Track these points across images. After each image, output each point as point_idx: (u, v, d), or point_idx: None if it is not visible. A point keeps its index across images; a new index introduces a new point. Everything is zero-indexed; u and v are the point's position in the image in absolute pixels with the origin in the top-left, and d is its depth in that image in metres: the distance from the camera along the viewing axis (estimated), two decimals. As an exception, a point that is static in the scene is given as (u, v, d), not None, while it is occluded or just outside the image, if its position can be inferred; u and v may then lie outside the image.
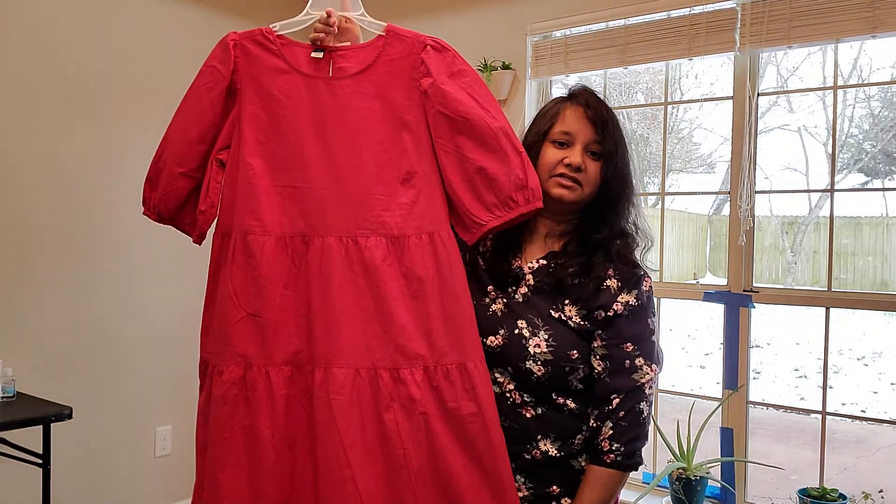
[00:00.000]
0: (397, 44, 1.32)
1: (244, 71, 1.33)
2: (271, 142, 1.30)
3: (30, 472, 2.55)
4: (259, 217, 1.27)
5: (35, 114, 2.71)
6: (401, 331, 1.23)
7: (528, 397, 1.30)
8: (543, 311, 1.31)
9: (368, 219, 1.26)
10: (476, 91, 1.30)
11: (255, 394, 1.25)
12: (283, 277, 1.27)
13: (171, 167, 1.35)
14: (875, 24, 2.26)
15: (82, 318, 2.87)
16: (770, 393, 6.92)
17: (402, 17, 3.43)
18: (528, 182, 1.25)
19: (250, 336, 1.26)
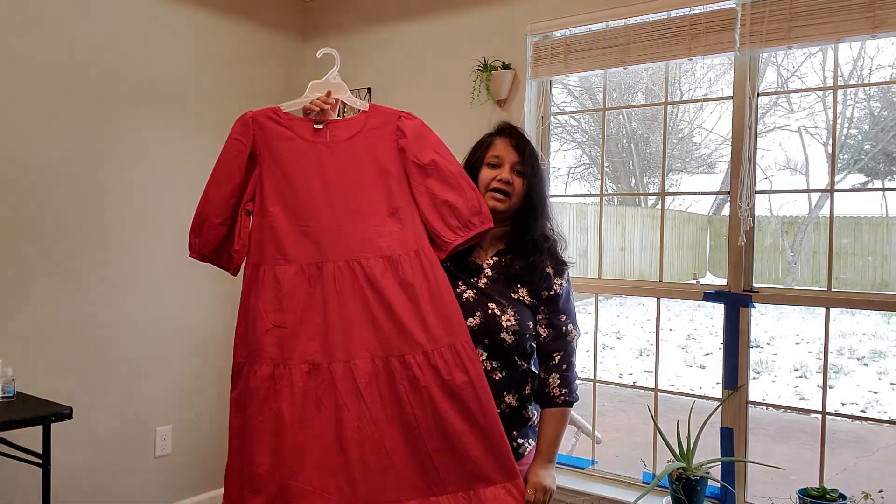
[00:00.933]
0: (378, 115, 1.78)
1: (261, 140, 1.76)
2: (286, 193, 1.72)
3: (30, 472, 2.55)
4: (282, 251, 1.68)
5: (36, 113, 2.71)
6: (403, 326, 1.63)
7: (496, 363, 1.72)
8: (505, 295, 1.74)
9: (368, 245, 1.67)
10: (437, 147, 1.75)
11: (280, 385, 1.62)
12: (302, 296, 1.66)
13: (211, 219, 1.75)
14: (875, 24, 2.26)
15: (82, 318, 2.87)
16: (770, 393, 6.92)
17: (403, 16, 3.43)
18: (481, 209, 1.71)
19: (276, 342, 1.65)
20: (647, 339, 9.13)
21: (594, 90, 10.65)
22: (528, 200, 1.78)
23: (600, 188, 3.75)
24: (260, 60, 3.55)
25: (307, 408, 1.61)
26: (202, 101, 3.29)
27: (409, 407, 1.60)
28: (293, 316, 1.65)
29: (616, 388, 6.76)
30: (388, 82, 3.48)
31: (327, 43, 3.72)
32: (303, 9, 3.78)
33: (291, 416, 1.60)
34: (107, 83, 2.92)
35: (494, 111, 3.09)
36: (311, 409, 1.61)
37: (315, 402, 1.61)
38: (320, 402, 1.61)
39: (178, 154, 3.20)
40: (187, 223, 3.20)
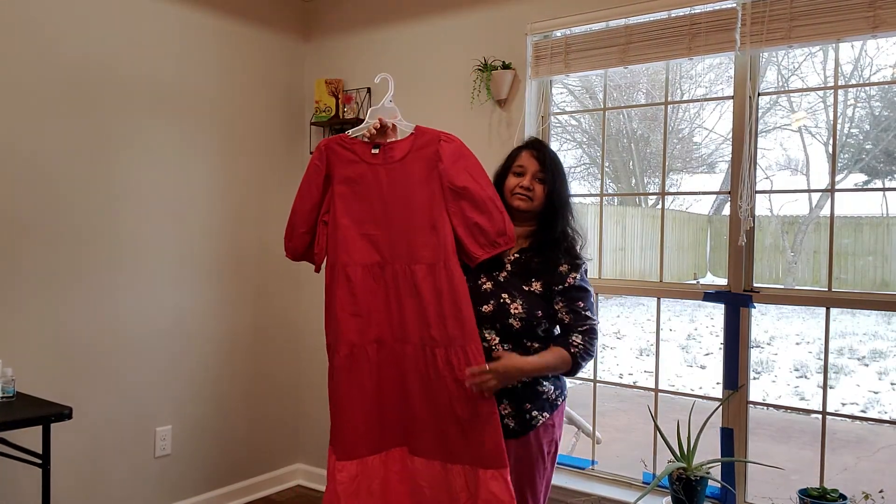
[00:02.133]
0: (422, 137, 2.05)
1: (333, 163, 2.12)
2: (353, 207, 2.10)
3: (30, 472, 2.55)
4: (351, 255, 2.08)
5: (35, 113, 2.71)
6: (431, 323, 2.00)
7: (507, 345, 2.00)
8: (518, 287, 2.02)
9: (415, 253, 2.03)
10: (472, 170, 2.02)
11: (359, 361, 2.07)
12: (369, 290, 2.07)
13: (297, 229, 2.16)
14: (875, 23, 2.26)
15: (82, 318, 2.87)
16: (770, 393, 6.92)
17: (403, 16, 3.43)
18: (506, 230, 1.99)
19: (353, 327, 2.07)
20: (648, 339, 9.13)
21: (594, 90, 10.65)
22: (549, 203, 2.05)
23: (600, 188, 3.75)
24: (260, 60, 3.55)
25: (381, 375, 2.07)
26: (202, 101, 3.29)
27: (434, 389, 1.99)
28: (364, 306, 2.06)
29: (616, 388, 6.75)
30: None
31: (327, 43, 3.72)
32: (303, 9, 3.77)
33: (370, 383, 2.07)
34: (106, 83, 2.92)
35: (494, 111, 3.09)
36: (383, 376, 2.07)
37: (384, 370, 2.07)
38: (386, 370, 2.06)
39: (178, 154, 3.20)
40: (187, 223, 3.23)
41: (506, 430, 1.99)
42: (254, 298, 3.56)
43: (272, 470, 3.65)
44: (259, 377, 3.60)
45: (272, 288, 3.62)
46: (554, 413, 2.06)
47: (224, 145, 3.40)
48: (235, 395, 3.49)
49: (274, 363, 3.66)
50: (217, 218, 3.38)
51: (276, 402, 3.67)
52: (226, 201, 3.42)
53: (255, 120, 3.55)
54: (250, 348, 3.56)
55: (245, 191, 3.50)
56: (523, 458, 2.02)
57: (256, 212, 3.55)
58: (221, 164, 3.39)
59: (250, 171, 3.51)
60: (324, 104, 3.57)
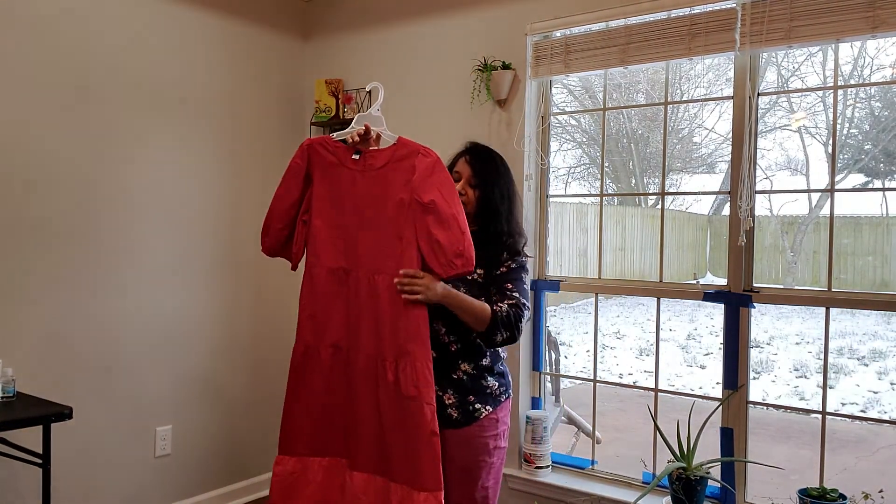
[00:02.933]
0: (402, 149, 2.02)
1: (314, 164, 2.11)
2: (327, 209, 2.09)
3: (30, 472, 2.55)
4: (318, 256, 2.09)
5: (36, 113, 2.71)
6: (385, 337, 1.98)
7: (453, 336, 2.08)
8: (462, 279, 2.05)
9: (379, 262, 2.00)
10: (443, 188, 1.96)
11: (311, 362, 2.09)
12: (331, 293, 2.07)
13: (274, 225, 2.13)
14: (875, 23, 2.26)
15: (82, 319, 2.87)
16: (770, 393, 6.92)
17: (403, 16, 3.43)
18: (464, 252, 1.91)
19: (310, 327, 2.09)
20: (647, 339, 9.13)
21: (594, 90, 10.65)
22: (484, 206, 2.13)
23: (600, 188, 3.75)
24: (260, 60, 3.55)
25: (331, 380, 2.08)
26: (202, 101, 3.29)
27: (382, 403, 1.98)
28: (322, 308, 2.07)
29: (616, 388, 6.75)
30: (388, 82, 3.47)
31: (327, 43, 3.72)
32: (303, 9, 3.77)
33: (319, 385, 2.08)
34: (106, 84, 2.92)
35: (494, 111, 3.09)
36: (332, 381, 2.08)
37: (335, 376, 2.07)
38: (337, 376, 2.07)
39: (177, 154, 3.20)
40: (187, 223, 3.23)
41: (448, 420, 2.06)
42: (254, 298, 3.56)
43: (272, 470, 3.65)
44: (259, 377, 3.60)
45: (272, 288, 3.62)
46: (498, 408, 2.12)
47: (224, 145, 3.40)
48: (235, 395, 3.49)
49: (274, 363, 3.66)
50: (217, 218, 3.38)
51: (276, 401, 3.65)
52: (226, 201, 3.42)
53: (256, 120, 3.55)
54: (250, 348, 3.56)
55: (245, 191, 3.50)
56: (465, 449, 2.08)
57: (256, 212, 3.54)
58: (221, 164, 3.39)
59: (250, 172, 3.51)
60: (324, 104, 3.57)
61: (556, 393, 4.07)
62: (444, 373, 2.06)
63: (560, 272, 7.54)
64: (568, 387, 6.43)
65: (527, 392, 3.10)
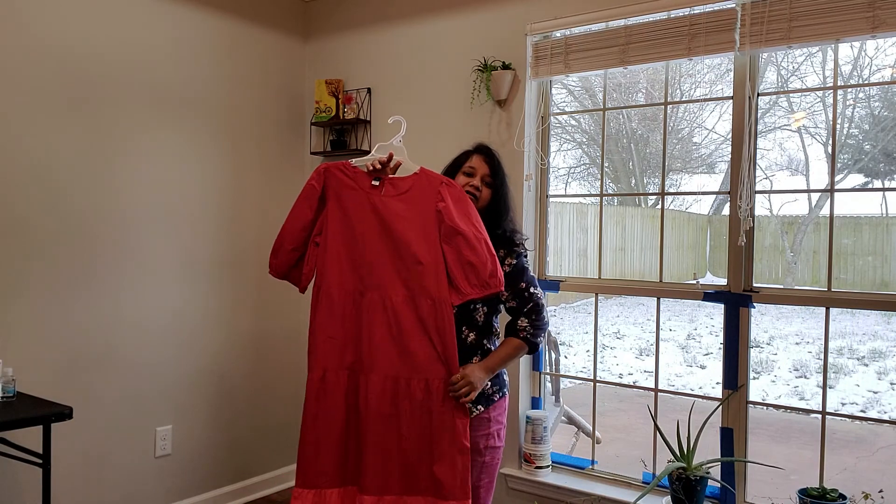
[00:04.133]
0: (425, 178, 2.10)
1: (331, 187, 2.14)
2: (346, 232, 2.12)
3: (30, 472, 2.56)
4: (336, 279, 2.11)
5: (35, 114, 2.71)
6: (413, 355, 2.03)
7: (467, 330, 2.12)
8: None
9: (396, 285, 2.07)
10: (470, 213, 2.07)
11: (329, 386, 2.09)
12: (348, 315, 2.09)
13: (286, 245, 2.15)
14: (875, 24, 2.26)
15: (82, 318, 2.87)
16: (770, 393, 6.92)
17: (403, 16, 3.43)
18: (496, 273, 2.02)
19: (329, 350, 2.09)
20: (647, 339, 9.13)
21: (594, 90, 10.65)
22: (494, 205, 2.20)
23: (600, 188, 3.75)
24: (260, 60, 3.55)
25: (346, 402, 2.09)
26: (202, 101, 3.29)
27: (405, 421, 2.02)
28: (341, 330, 2.09)
29: (616, 388, 6.76)
30: (388, 82, 3.49)
31: (327, 43, 3.72)
32: (303, 9, 3.78)
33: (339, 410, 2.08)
34: (106, 83, 2.92)
35: (494, 111, 3.09)
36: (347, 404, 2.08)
37: (349, 400, 2.08)
38: (351, 401, 2.08)
39: (177, 154, 3.20)
40: (187, 223, 3.23)
41: None
42: (254, 298, 3.56)
43: (272, 470, 3.65)
44: (259, 377, 3.60)
45: (272, 288, 3.62)
46: (490, 407, 2.14)
47: (224, 145, 3.41)
48: (236, 395, 3.49)
49: (274, 363, 3.66)
50: (217, 218, 3.38)
51: (276, 401, 3.67)
52: (226, 201, 3.42)
53: (256, 120, 3.55)
54: (250, 348, 3.56)
55: (245, 191, 3.50)
56: None
57: (256, 212, 3.55)
58: (221, 164, 3.40)
59: (250, 172, 3.52)
60: (324, 104, 3.57)
61: (556, 393, 4.06)
62: None
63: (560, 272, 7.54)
64: (568, 387, 6.43)
65: (527, 392, 3.10)
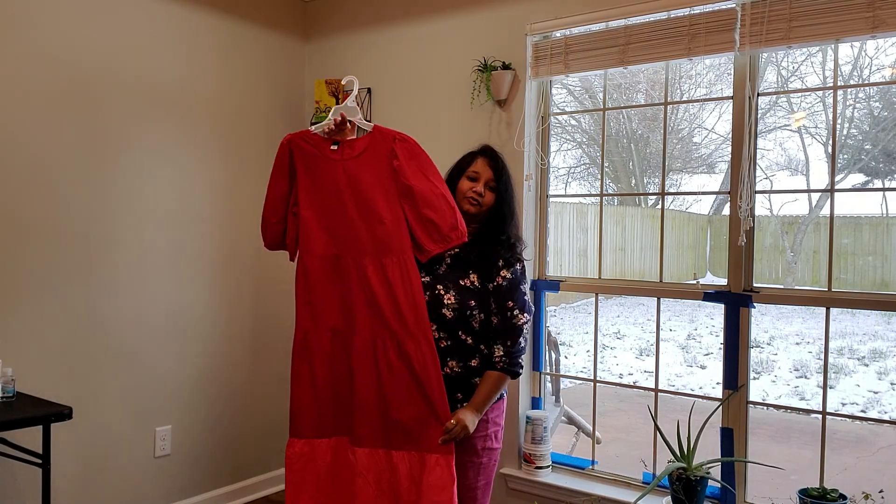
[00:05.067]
0: (379, 136, 2.13)
1: (297, 157, 2.21)
2: (314, 199, 2.18)
3: (30, 472, 2.55)
4: (310, 246, 2.17)
5: (35, 113, 2.71)
6: (384, 315, 2.08)
7: (443, 333, 2.11)
8: (454, 280, 2.14)
9: (365, 247, 2.11)
10: (426, 168, 2.09)
11: (311, 347, 2.17)
12: (325, 280, 2.16)
13: (269, 219, 2.24)
14: (875, 24, 2.26)
15: (82, 318, 2.87)
16: (770, 393, 6.92)
17: (403, 16, 3.43)
18: (458, 225, 2.05)
19: (308, 314, 2.18)
20: (647, 339, 9.13)
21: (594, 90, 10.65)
22: (497, 210, 2.17)
23: (600, 188, 3.75)
24: (260, 60, 3.55)
25: (332, 363, 2.16)
26: (202, 101, 3.29)
27: (384, 378, 2.07)
28: (318, 295, 2.16)
29: (616, 388, 6.76)
30: (388, 82, 3.48)
31: (327, 43, 3.72)
32: (303, 9, 3.77)
33: (321, 369, 2.17)
34: (105, 83, 2.92)
35: (494, 111, 3.09)
36: (334, 365, 2.16)
37: (335, 360, 2.15)
38: (338, 358, 2.15)
39: (177, 153, 3.20)
40: (187, 223, 3.23)
41: None
42: (253, 298, 3.56)
43: (272, 470, 3.65)
44: (259, 377, 3.60)
45: (271, 288, 3.62)
46: (488, 409, 2.12)
47: (224, 145, 3.40)
48: (235, 394, 3.49)
49: (273, 363, 3.66)
50: (217, 218, 3.38)
51: (276, 401, 3.67)
52: (225, 201, 3.42)
53: (255, 120, 3.55)
54: (250, 348, 3.56)
55: (245, 191, 3.50)
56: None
57: (255, 212, 3.52)
58: (221, 164, 3.40)
59: (250, 172, 3.51)
60: (324, 104, 3.57)
61: (556, 393, 4.07)
62: None
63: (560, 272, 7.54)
64: (568, 387, 6.43)
65: (527, 392, 3.10)
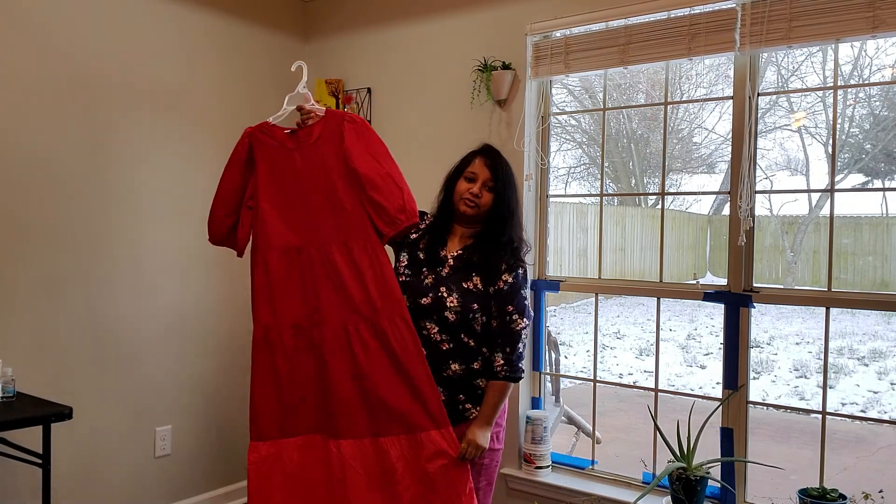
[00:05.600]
0: (331, 120, 2.12)
1: (256, 149, 2.17)
2: (273, 191, 2.13)
3: (30, 472, 2.55)
4: (269, 239, 2.11)
5: (35, 113, 2.71)
6: (353, 301, 2.04)
7: (445, 336, 2.09)
8: (456, 283, 2.11)
9: (330, 234, 2.07)
10: (373, 149, 2.07)
11: (273, 344, 2.10)
12: (284, 274, 2.09)
13: (218, 213, 2.18)
14: (875, 24, 2.26)
15: (82, 318, 2.87)
16: (770, 393, 6.92)
17: (403, 16, 3.43)
18: (405, 206, 2.03)
19: (268, 310, 2.10)
20: (647, 339, 9.13)
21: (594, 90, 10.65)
22: (496, 211, 2.13)
23: (600, 188, 3.75)
24: (260, 60, 3.55)
25: (295, 360, 2.09)
26: (202, 101, 3.29)
27: (361, 364, 2.02)
28: (279, 290, 2.08)
29: (616, 388, 6.76)
30: (388, 82, 3.48)
31: (327, 43, 3.72)
32: (303, 9, 3.77)
33: (283, 366, 2.09)
34: (106, 83, 2.92)
35: (494, 111, 3.09)
36: (297, 361, 2.08)
37: (299, 356, 2.08)
38: (301, 355, 2.08)
39: (177, 153, 3.20)
40: (187, 222, 3.23)
41: None
42: (254, 298, 3.56)
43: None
44: (259, 377, 3.59)
45: (272, 288, 3.62)
46: None
47: (224, 145, 3.38)
48: (235, 394, 3.48)
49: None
50: (217, 218, 3.38)
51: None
52: (226, 201, 3.41)
53: (256, 120, 3.51)
54: (250, 348, 3.54)
55: (245, 191, 3.50)
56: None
57: (256, 212, 3.55)
58: (221, 164, 3.37)
59: (250, 172, 3.51)
60: (324, 104, 3.57)
61: (556, 393, 4.07)
62: (435, 370, 2.06)
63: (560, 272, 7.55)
64: (568, 387, 6.42)
65: (527, 392, 3.10)
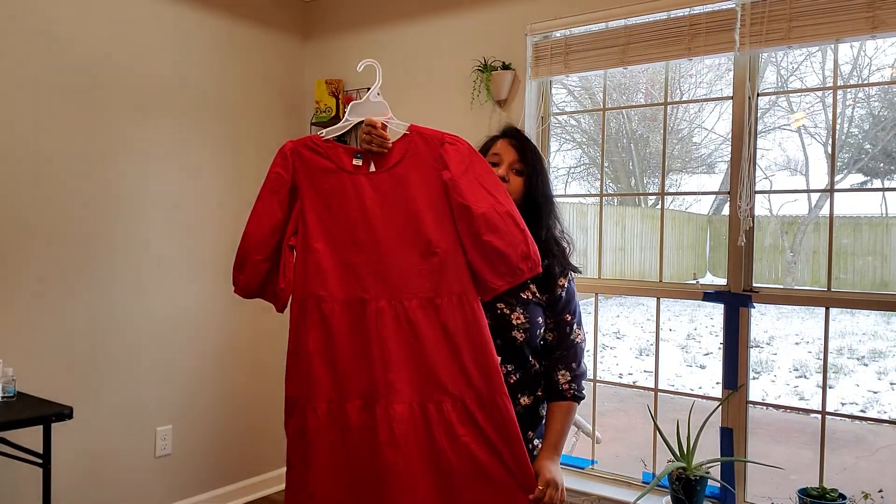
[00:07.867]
0: (420, 141, 1.64)
1: (301, 172, 1.67)
2: (329, 227, 1.65)
3: (30, 472, 2.55)
4: (327, 288, 1.62)
5: (36, 113, 2.71)
6: (440, 373, 1.57)
7: (511, 366, 1.70)
8: (514, 294, 1.70)
9: (408, 285, 1.60)
10: (486, 181, 1.61)
11: (337, 424, 1.60)
12: (349, 333, 1.61)
13: (252, 256, 1.66)
14: (875, 24, 2.26)
15: (82, 318, 2.87)
16: (770, 393, 6.92)
17: (404, 16, 3.43)
18: (530, 253, 1.58)
19: (330, 380, 1.61)
20: (647, 339, 9.13)
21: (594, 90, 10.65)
22: (530, 200, 1.76)
23: (600, 188, 3.75)
24: (260, 60, 3.55)
25: (360, 446, 1.59)
26: (202, 101, 3.29)
27: (445, 455, 1.55)
28: (344, 353, 1.61)
29: (616, 388, 6.76)
30: (388, 82, 3.47)
31: (327, 42, 3.72)
32: (303, 9, 3.77)
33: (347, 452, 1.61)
34: (106, 84, 2.92)
35: (494, 111, 3.09)
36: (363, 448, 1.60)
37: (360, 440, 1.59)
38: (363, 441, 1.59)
39: (177, 154, 3.20)
40: (187, 223, 3.23)
41: None
42: (254, 298, 3.56)
43: (272, 470, 3.65)
44: (259, 377, 3.59)
45: (272, 288, 3.62)
46: None
47: (224, 145, 3.40)
48: (236, 394, 3.49)
49: (274, 362, 3.65)
50: (217, 218, 3.38)
51: (277, 401, 3.66)
52: (225, 201, 3.41)
53: (256, 120, 3.55)
54: (250, 348, 3.56)
55: (245, 191, 3.49)
56: None
57: (256, 212, 3.55)
58: (221, 164, 3.39)
59: (250, 171, 3.51)
60: (324, 104, 3.57)
61: (556, 393, 4.06)
62: None
63: (560, 272, 7.52)
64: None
65: (527, 392, 3.10)
